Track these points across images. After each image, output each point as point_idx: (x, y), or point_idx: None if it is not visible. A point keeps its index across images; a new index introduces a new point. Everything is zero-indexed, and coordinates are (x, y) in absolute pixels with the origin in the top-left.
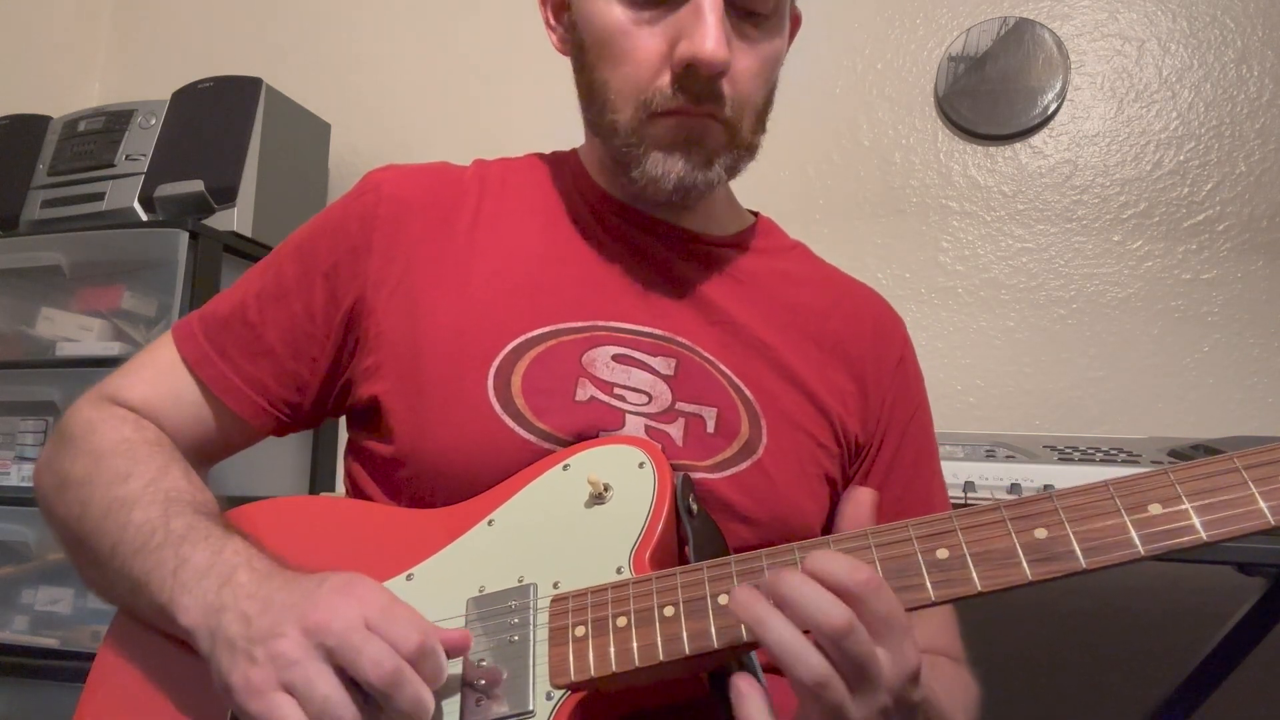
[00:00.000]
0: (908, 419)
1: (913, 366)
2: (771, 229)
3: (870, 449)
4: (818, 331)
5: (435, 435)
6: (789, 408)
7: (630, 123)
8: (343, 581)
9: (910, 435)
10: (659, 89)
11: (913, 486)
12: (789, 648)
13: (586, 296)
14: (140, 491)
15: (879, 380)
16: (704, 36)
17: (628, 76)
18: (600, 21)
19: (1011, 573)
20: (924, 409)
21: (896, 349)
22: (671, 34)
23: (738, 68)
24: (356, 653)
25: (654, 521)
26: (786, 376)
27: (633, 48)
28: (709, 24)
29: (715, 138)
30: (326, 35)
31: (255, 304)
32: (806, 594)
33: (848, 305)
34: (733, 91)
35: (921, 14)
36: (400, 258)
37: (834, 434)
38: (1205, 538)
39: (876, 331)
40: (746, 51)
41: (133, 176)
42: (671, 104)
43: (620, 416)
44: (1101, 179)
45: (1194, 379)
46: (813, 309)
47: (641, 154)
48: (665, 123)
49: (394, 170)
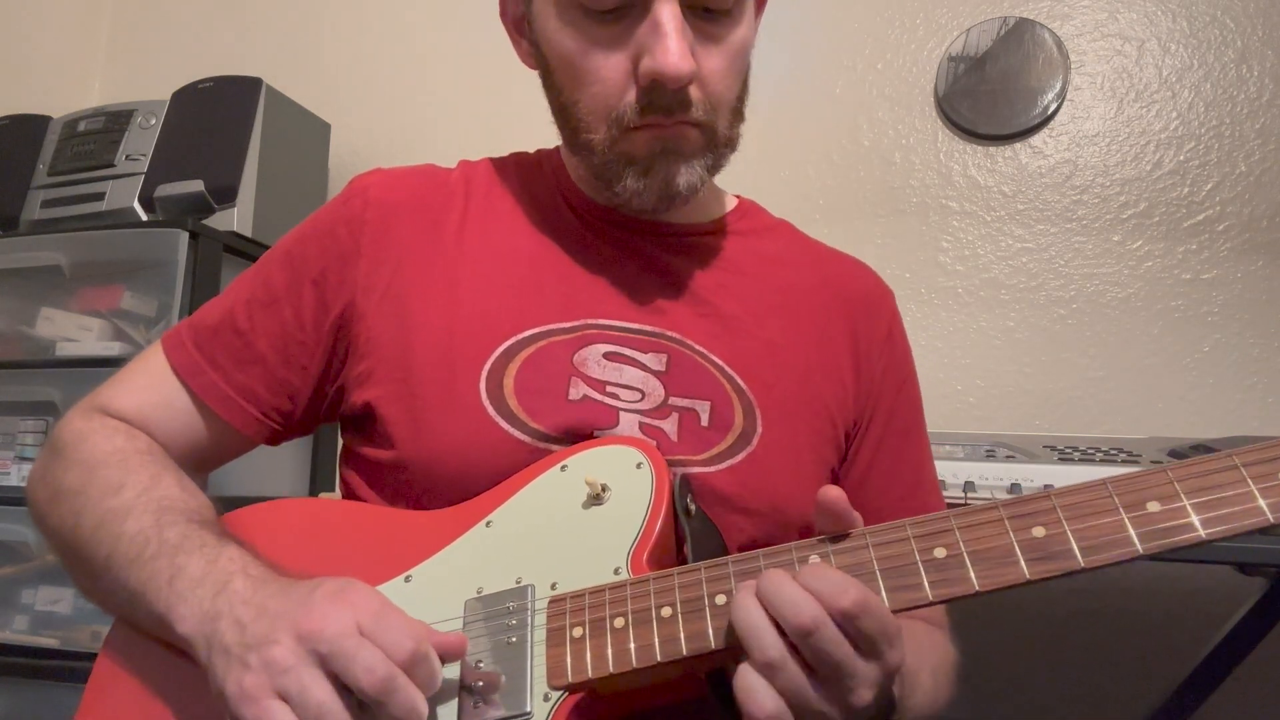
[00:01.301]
0: (897, 390)
1: (900, 338)
2: (752, 209)
3: (862, 422)
4: (807, 311)
5: (429, 439)
6: (783, 395)
7: (605, 141)
8: (337, 587)
9: (900, 406)
10: (628, 105)
11: (904, 457)
12: (750, 628)
13: (575, 296)
14: (133, 501)
15: (869, 353)
16: (664, 51)
17: (596, 96)
18: (561, 44)
19: (1009, 572)
20: (912, 380)
21: (885, 321)
22: (633, 50)
23: (706, 70)
24: (349, 660)
25: (651, 522)
26: (779, 362)
27: (596, 68)
28: (668, 37)
29: (692, 143)
30: (326, 35)
31: (245, 312)
32: (785, 593)
33: (835, 280)
34: (704, 94)
35: (921, 14)
36: (389, 262)
37: (829, 416)
38: (1204, 535)
39: (865, 305)
40: (712, 52)
41: (133, 176)
42: (643, 119)
43: (614, 414)
44: (1101, 179)
45: (1194, 379)
46: (799, 288)
47: (621, 169)
48: (640, 137)
49: (380, 174)
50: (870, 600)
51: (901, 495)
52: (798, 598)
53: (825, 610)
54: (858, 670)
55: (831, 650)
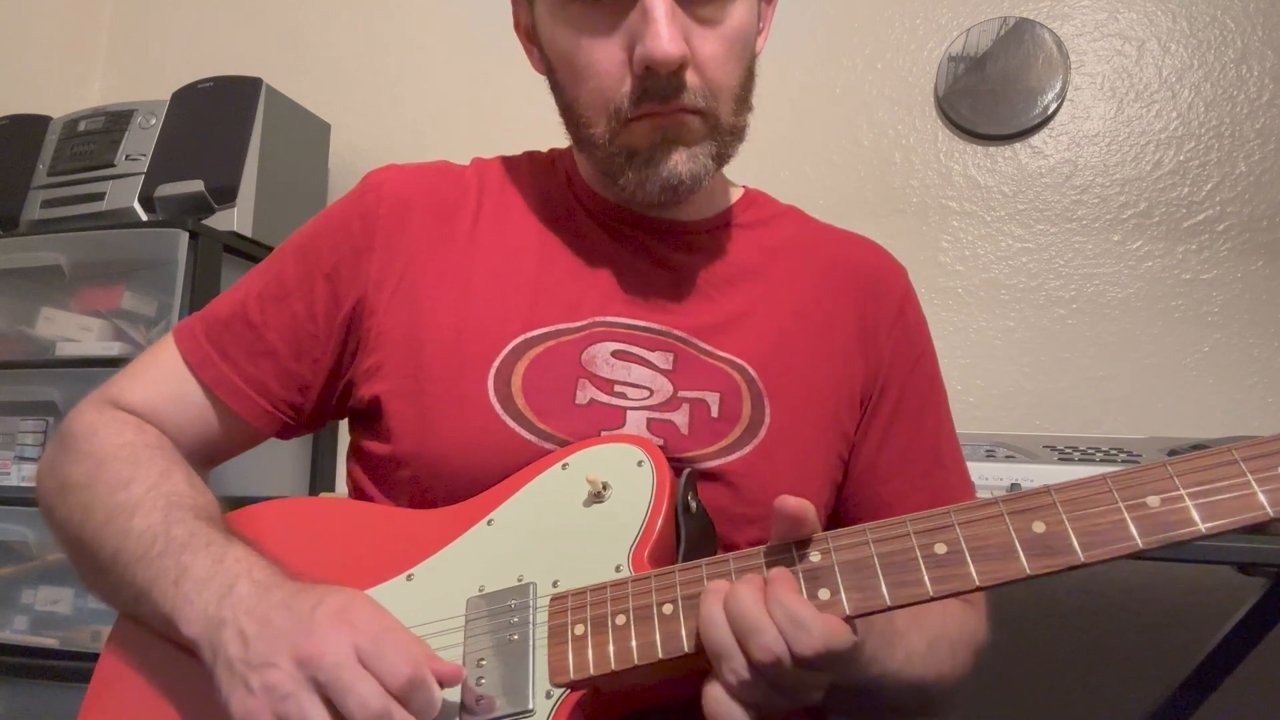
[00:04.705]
0: (909, 369)
1: (913, 315)
2: (759, 198)
3: (870, 403)
4: (815, 296)
5: (436, 435)
6: (791, 384)
7: (606, 134)
8: (339, 605)
9: (912, 386)
10: (625, 95)
11: (917, 438)
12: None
13: (584, 294)
14: (141, 497)
15: (876, 334)
16: (654, 36)
17: (594, 90)
18: (559, 40)
19: (1009, 567)
20: (927, 358)
21: (895, 301)
22: (627, 40)
23: (701, 55)
24: (345, 692)
25: (652, 520)
26: (787, 351)
27: (592, 61)
28: (657, 22)
29: (693, 131)
30: (326, 35)
31: (257, 304)
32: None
33: (843, 262)
34: (701, 80)
35: (921, 14)
36: (401, 258)
37: (837, 401)
38: (1204, 530)
39: (873, 284)
40: (708, 36)
41: (133, 176)
42: (640, 108)
43: (620, 415)
44: (1101, 179)
45: (1194, 379)
46: (807, 274)
47: (624, 162)
48: (640, 127)
49: (395, 170)
50: (833, 639)
51: (918, 475)
52: (762, 627)
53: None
54: (818, 682)
55: (790, 678)
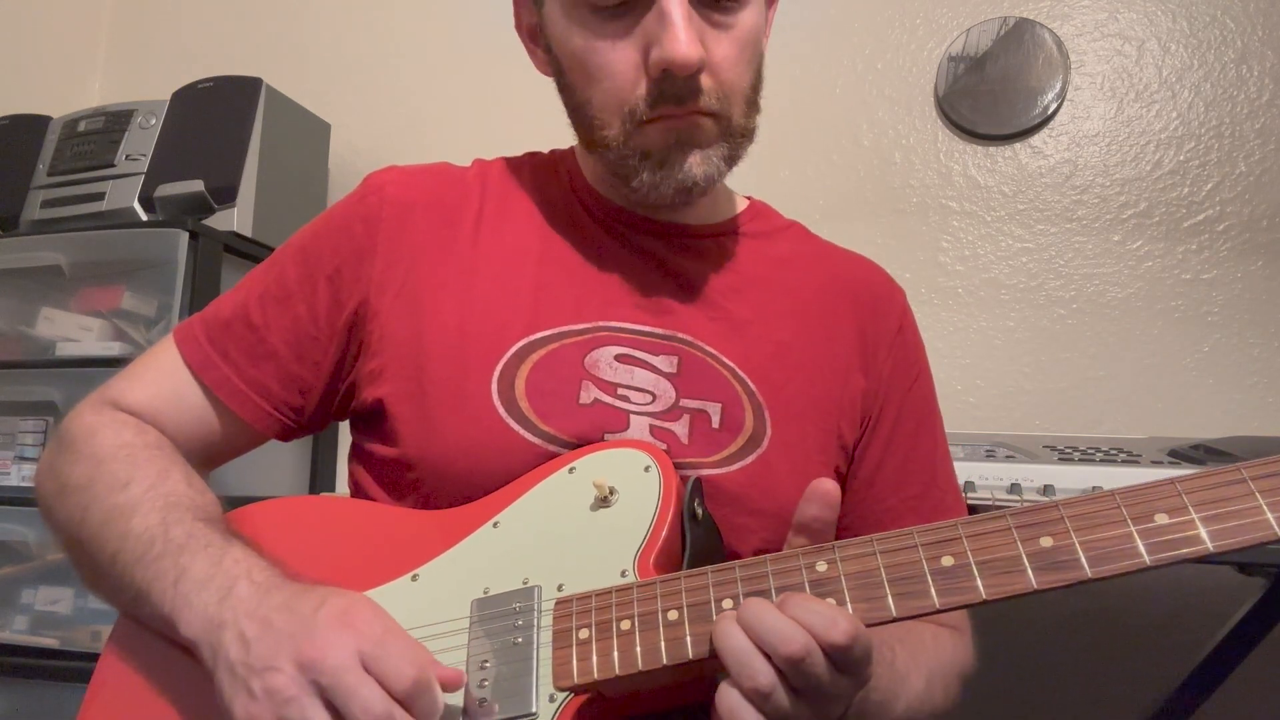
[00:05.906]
0: (907, 388)
1: (911, 335)
2: (764, 210)
3: (870, 421)
4: (817, 311)
5: (440, 438)
6: (792, 397)
7: (620, 136)
8: (341, 608)
9: (910, 404)
10: (640, 98)
11: (913, 458)
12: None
13: (588, 297)
14: (140, 498)
15: (876, 352)
16: (673, 39)
17: (608, 92)
18: (571, 42)
19: (1017, 581)
20: (925, 377)
21: (895, 319)
22: (642, 42)
23: (716, 58)
24: (348, 697)
25: (659, 525)
26: (788, 364)
27: (607, 62)
28: (676, 25)
29: (707, 133)
30: (326, 35)
31: (258, 306)
32: (768, 622)
33: (844, 280)
34: (715, 83)
35: (921, 14)
36: (404, 260)
37: (837, 416)
38: (1211, 549)
39: (874, 303)
40: (721, 39)
41: (133, 176)
42: (655, 111)
43: (624, 418)
44: (1101, 179)
45: (1194, 379)
46: (809, 289)
47: (637, 164)
48: (654, 129)
49: (397, 171)
50: (859, 630)
51: (914, 496)
52: (784, 627)
53: (816, 642)
54: (839, 689)
55: (819, 674)
